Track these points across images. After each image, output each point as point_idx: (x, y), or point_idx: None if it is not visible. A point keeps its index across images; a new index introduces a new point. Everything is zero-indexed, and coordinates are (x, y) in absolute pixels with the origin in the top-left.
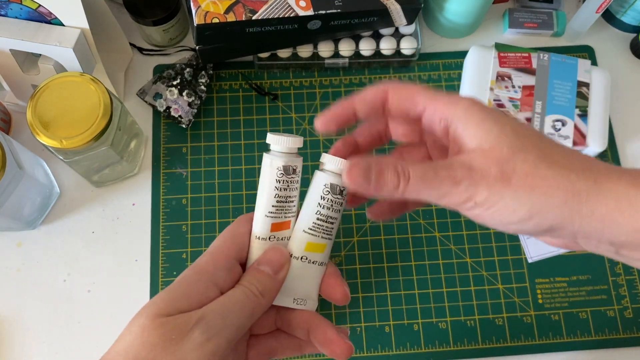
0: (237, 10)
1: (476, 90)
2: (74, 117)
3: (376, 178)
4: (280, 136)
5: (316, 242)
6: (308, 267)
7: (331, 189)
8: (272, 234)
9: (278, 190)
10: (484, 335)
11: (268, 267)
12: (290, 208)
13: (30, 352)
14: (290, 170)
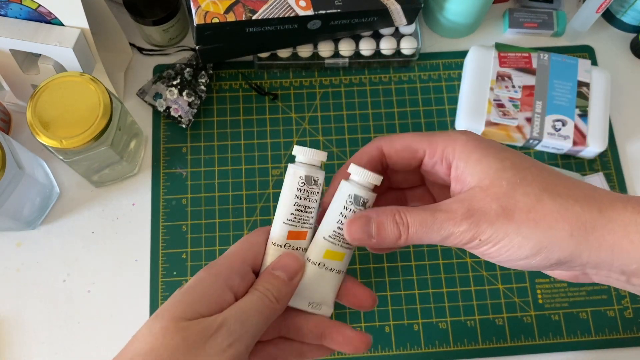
0: (237, 10)
1: (476, 90)
2: (73, 117)
3: (377, 232)
4: (305, 148)
5: (335, 250)
6: (325, 273)
7: (354, 200)
8: (288, 242)
9: (298, 198)
10: (484, 335)
11: (283, 272)
12: (308, 219)
13: (30, 352)
14: (311, 180)
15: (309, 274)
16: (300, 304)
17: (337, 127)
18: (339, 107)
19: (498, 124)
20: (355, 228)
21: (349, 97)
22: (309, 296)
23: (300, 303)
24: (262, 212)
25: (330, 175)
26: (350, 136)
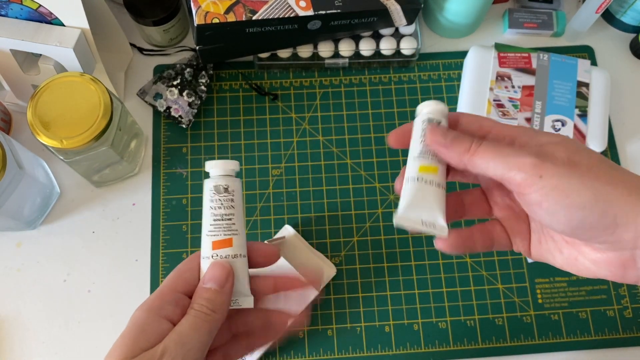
0: (237, 11)
1: (476, 90)
2: (74, 117)
3: (452, 139)
4: (213, 160)
5: (428, 164)
6: (426, 187)
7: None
8: (214, 252)
9: (213, 209)
10: (484, 335)
11: (212, 282)
12: (229, 226)
13: (30, 352)
14: (220, 189)
15: (412, 191)
16: (414, 225)
17: (337, 127)
18: (339, 107)
19: None
20: (434, 129)
21: (349, 97)
22: (419, 213)
23: (414, 224)
24: (262, 212)
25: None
26: (350, 136)
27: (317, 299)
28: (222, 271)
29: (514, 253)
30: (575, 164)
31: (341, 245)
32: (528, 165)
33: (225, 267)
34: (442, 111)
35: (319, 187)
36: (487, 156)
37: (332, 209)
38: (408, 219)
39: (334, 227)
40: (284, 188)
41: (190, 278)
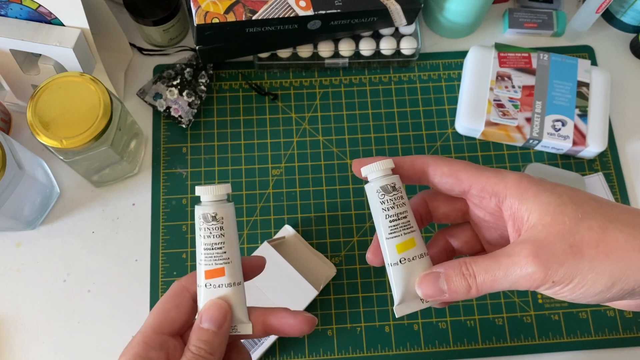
0: (237, 10)
1: (476, 90)
2: (74, 117)
3: (448, 287)
4: (203, 186)
5: (403, 240)
6: (411, 265)
7: (384, 191)
8: (207, 282)
9: (203, 237)
10: (484, 335)
11: (210, 324)
12: (220, 255)
13: (30, 352)
14: (209, 217)
15: (400, 279)
16: (415, 307)
17: (337, 127)
18: (339, 107)
19: (498, 124)
20: (426, 285)
21: (349, 97)
22: (416, 293)
23: (414, 306)
24: (262, 212)
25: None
26: (350, 136)
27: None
28: (219, 311)
29: None
30: (578, 250)
31: (341, 245)
32: (536, 277)
33: (223, 308)
34: (385, 169)
35: (319, 187)
36: (490, 285)
37: (332, 209)
38: (408, 308)
39: (334, 227)
40: (284, 188)
41: (176, 317)
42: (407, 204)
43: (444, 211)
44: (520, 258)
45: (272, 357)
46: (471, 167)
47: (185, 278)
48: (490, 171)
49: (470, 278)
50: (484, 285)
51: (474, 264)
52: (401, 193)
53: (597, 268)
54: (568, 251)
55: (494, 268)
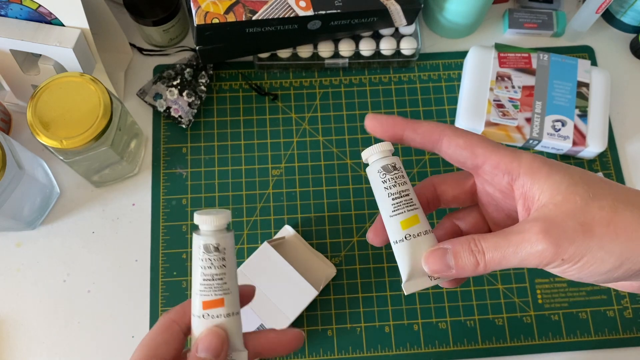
0: (237, 11)
1: (476, 91)
2: (74, 117)
3: (455, 262)
4: (205, 215)
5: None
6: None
7: (385, 170)
8: (205, 312)
9: (203, 268)
10: (484, 335)
11: (207, 353)
12: (220, 286)
13: (29, 352)
14: (210, 248)
15: (405, 255)
16: (424, 283)
17: (337, 127)
18: (339, 107)
19: (498, 124)
20: (433, 260)
21: (349, 98)
22: (422, 274)
23: (422, 283)
24: (262, 212)
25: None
26: (350, 136)
27: None
28: (217, 340)
29: None
30: (589, 228)
31: (341, 245)
32: (547, 254)
33: (221, 336)
34: (385, 151)
35: (319, 187)
36: (499, 262)
37: (332, 209)
38: (416, 285)
39: (334, 227)
40: (284, 188)
41: (166, 353)
42: (409, 183)
43: (453, 194)
44: (530, 235)
45: None
46: (487, 143)
47: (174, 311)
48: (506, 149)
49: (479, 254)
50: (493, 261)
51: (482, 240)
52: (402, 172)
53: (606, 247)
54: (579, 229)
55: (504, 245)
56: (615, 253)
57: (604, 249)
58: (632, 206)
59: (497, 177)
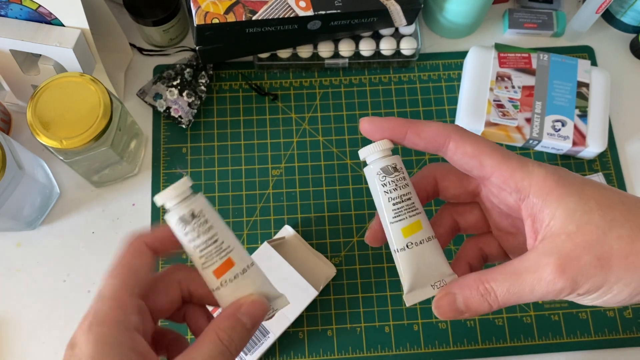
0: (237, 11)
1: (476, 91)
2: (74, 118)
3: (466, 307)
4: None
5: (408, 224)
6: (419, 250)
7: (385, 172)
8: (222, 279)
9: (192, 241)
10: (484, 335)
11: (249, 319)
12: (220, 247)
13: (29, 353)
14: (185, 218)
15: (407, 265)
16: (426, 294)
17: (337, 128)
18: (339, 107)
19: (498, 124)
20: (444, 309)
21: (348, 98)
22: (425, 285)
23: (424, 294)
24: (262, 212)
25: None
26: (350, 136)
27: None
28: (262, 313)
29: None
30: (607, 262)
31: (341, 245)
32: (564, 292)
33: (265, 310)
34: (385, 150)
35: (319, 187)
36: (514, 301)
37: (332, 209)
38: (418, 296)
39: (334, 227)
40: (284, 188)
41: (144, 278)
42: (410, 184)
43: (454, 193)
44: (546, 274)
45: (272, 357)
46: (497, 153)
47: (147, 234)
48: (516, 162)
49: (491, 298)
50: (508, 302)
51: (493, 282)
52: (403, 174)
53: (624, 280)
54: (596, 264)
55: (519, 288)
56: (632, 285)
57: (621, 281)
58: None
59: (504, 193)
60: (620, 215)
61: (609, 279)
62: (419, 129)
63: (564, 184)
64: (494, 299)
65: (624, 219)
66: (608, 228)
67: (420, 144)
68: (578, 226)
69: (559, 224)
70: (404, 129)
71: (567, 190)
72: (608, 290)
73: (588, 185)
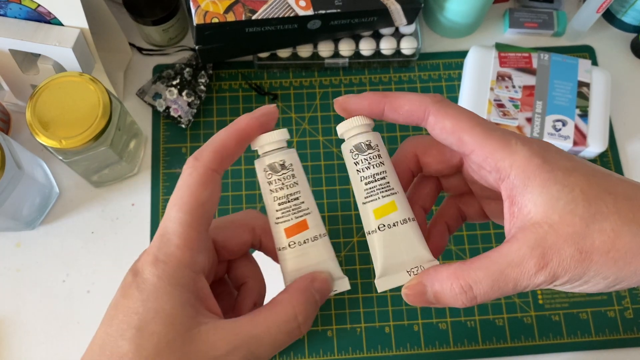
0: (237, 10)
1: (476, 90)
2: (73, 117)
3: (437, 302)
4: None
5: (382, 204)
6: (393, 232)
7: (358, 150)
8: (290, 240)
9: (274, 192)
10: (484, 335)
11: (320, 297)
12: (299, 206)
13: (29, 353)
14: (276, 167)
15: (378, 248)
16: (400, 280)
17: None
18: None
19: (498, 124)
20: (412, 297)
21: None
22: (401, 264)
23: (399, 279)
24: (262, 212)
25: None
26: None
27: None
28: (328, 287)
29: None
30: (588, 256)
31: (341, 245)
32: (544, 284)
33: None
34: (361, 126)
35: (319, 187)
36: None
37: (332, 209)
38: (390, 281)
39: (334, 227)
40: None
41: (211, 210)
42: (387, 163)
43: (437, 168)
44: (529, 268)
45: (272, 357)
46: (477, 129)
47: (210, 158)
48: (499, 139)
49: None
50: (487, 300)
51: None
52: (378, 151)
53: (603, 273)
54: (577, 257)
55: (501, 283)
56: (611, 277)
57: (600, 274)
58: (637, 226)
59: (482, 171)
60: (605, 207)
61: (588, 273)
62: (397, 104)
63: (549, 168)
64: (472, 298)
65: (608, 210)
66: (591, 220)
67: (400, 119)
68: (561, 216)
69: (541, 212)
70: (380, 105)
71: (551, 176)
72: (586, 282)
73: (574, 171)
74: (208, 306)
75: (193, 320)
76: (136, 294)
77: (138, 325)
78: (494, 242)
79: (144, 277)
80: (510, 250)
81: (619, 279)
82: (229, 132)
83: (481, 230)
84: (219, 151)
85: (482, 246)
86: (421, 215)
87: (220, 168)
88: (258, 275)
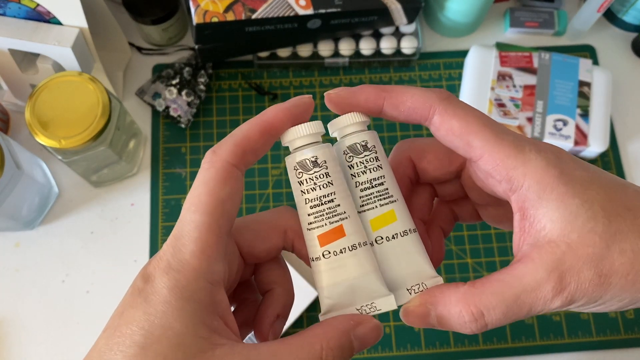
0: (237, 9)
1: (477, 90)
2: (72, 117)
3: (440, 326)
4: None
5: (380, 213)
6: (392, 245)
7: (353, 152)
8: (325, 250)
9: (306, 193)
10: (485, 336)
11: (359, 345)
12: (333, 209)
13: (28, 353)
14: (308, 164)
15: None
16: (400, 299)
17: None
18: None
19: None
20: (412, 320)
21: None
22: (401, 281)
23: (399, 298)
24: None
25: None
26: None
27: None
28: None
29: None
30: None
31: None
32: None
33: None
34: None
35: None
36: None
37: None
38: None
39: None
40: (284, 188)
41: (232, 210)
42: (386, 167)
43: (435, 175)
44: (545, 293)
45: None
46: (488, 132)
47: (230, 152)
48: (511, 144)
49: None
50: (499, 325)
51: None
52: (376, 153)
53: (620, 295)
54: (596, 281)
55: (516, 310)
56: (627, 299)
57: (616, 297)
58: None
59: (491, 180)
60: (625, 225)
61: (605, 296)
62: (398, 100)
63: (566, 180)
64: (482, 326)
65: (628, 229)
66: (612, 240)
67: (400, 117)
68: (580, 235)
69: (558, 229)
70: (379, 100)
71: (568, 189)
72: (601, 304)
73: (592, 184)
74: (225, 323)
75: (205, 341)
76: (144, 305)
77: (142, 344)
78: (495, 242)
79: (154, 287)
80: (525, 273)
81: (634, 299)
82: (252, 124)
83: (482, 230)
84: (240, 144)
85: (482, 246)
86: (421, 228)
87: (242, 163)
88: (286, 283)
